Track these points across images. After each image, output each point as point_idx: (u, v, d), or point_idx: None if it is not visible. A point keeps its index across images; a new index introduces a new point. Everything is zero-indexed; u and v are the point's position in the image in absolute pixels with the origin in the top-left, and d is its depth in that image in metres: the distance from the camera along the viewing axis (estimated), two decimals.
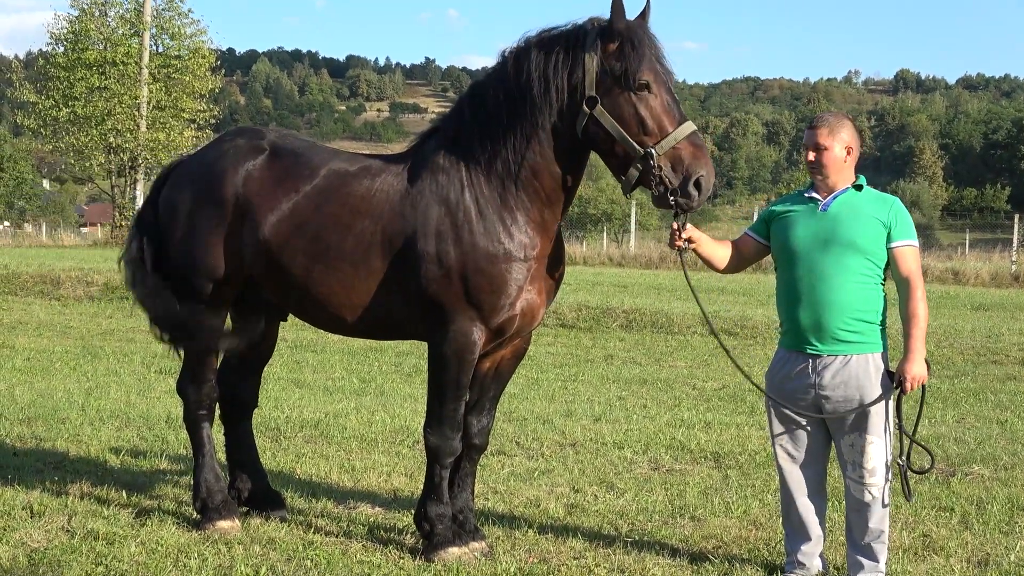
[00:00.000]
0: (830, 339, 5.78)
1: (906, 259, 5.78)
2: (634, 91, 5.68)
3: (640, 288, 24.17)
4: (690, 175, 5.62)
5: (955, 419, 11.21)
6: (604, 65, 5.73)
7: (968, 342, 16.83)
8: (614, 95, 5.72)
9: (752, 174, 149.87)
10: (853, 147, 5.88)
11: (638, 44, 5.68)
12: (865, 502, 5.84)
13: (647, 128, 5.67)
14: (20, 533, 6.43)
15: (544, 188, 6.01)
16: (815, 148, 5.85)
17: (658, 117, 5.68)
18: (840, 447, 5.90)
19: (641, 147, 5.66)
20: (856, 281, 5.76)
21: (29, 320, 18.65)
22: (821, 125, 5.86)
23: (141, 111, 45.40)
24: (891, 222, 5.77)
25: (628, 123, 5.70)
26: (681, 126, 5.67)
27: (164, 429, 9.65)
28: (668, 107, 5.71)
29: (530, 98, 5.86)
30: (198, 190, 6.58)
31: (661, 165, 5.63)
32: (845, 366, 5.77)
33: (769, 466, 8.65)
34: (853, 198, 5.86)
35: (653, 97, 5.69)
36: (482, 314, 5.99)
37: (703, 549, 6.50)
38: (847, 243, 5.75)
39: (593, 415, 10.99)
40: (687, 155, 5.64)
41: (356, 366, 14.36)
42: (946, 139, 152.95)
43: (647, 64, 5.68)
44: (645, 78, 5.67)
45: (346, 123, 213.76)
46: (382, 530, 6.77)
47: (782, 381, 5.96)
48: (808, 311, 5.81)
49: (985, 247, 48.12)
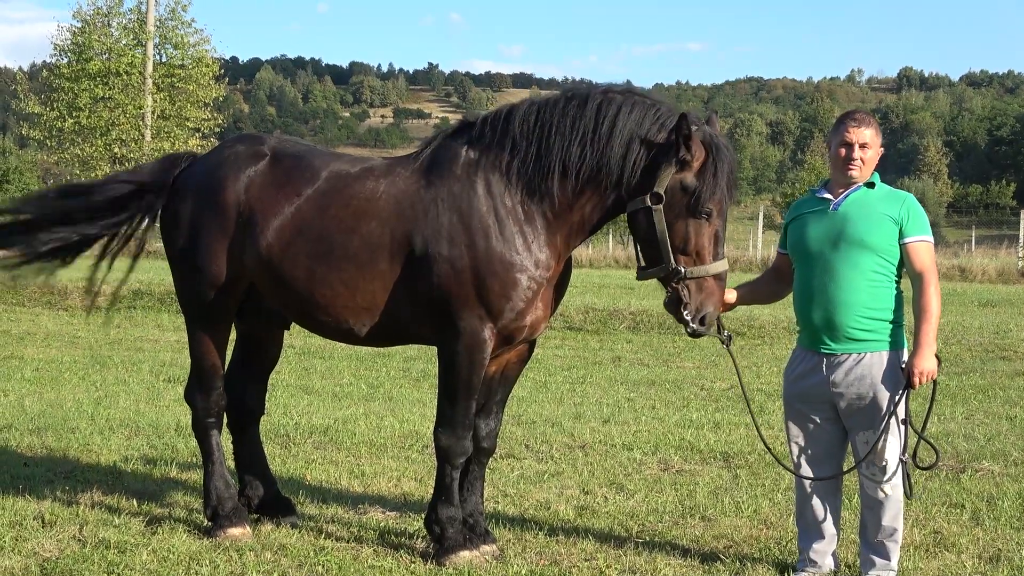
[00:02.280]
0: (843, 338, 5.79)
1: (919, 255, 5.78)
2: (695, 214, 5.79)
3: (647, 290, 24.08)
4: (700, 310, 5.83)
5: (964, 416, 11.20)
6: (681, 175, 5.79)
7: (976, 338, 16.82)
8: (675, 205, 5.82)
9: (757, 174, 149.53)
10: (880, 151, 6.00)
11: (720, 174, 5.78)
12: (879, 499, 5.85)
13: (687, 249, 5.83)
14: (32, 543, 6.44)
15: (572, 221, 6.10)
16: (863, 146, 5.86)
17: (702, 246, 5.83)
18: (855, 444, 5.92)
19: (674, 263, 5.79)
20: (868, 279, 5.76)
21: (37, 331, 18.67)
22: (868, 124, 5.89)
23: (145, 121, 45.43)
24: (903, 218, 5.78)
25: (675, 235, 5.82)
26: (716, 262, 5.84)
27: (174, 437, 9.66)
28: (714, 238, 5.85)
29: (604, 155, 5.92)
30: (200, 197, 6.59)
31: (683, 286, 5.81)
32: (859, 364, 5.78)
33: (778, 465, 8.64)
34: (864, 196, 5.87)
35: (708, 225, 5.82)
36: (491, 314, 6.01)
37: (714, 549, 6.50)
38: (857, 241, 5.76)
39: (602, 417, 10.99)
40: (707, 289, 5.84)
41: (364, 372, 14.37)
42: (950, 136, 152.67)
43: (719, 195, 5.79)
44: (711, 207, 5.79)
45: (350, 130, 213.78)
46: (393, 535, 6.78)
47: (797, 379, 5.99)
48: (820, 310, 5.83)
49: (991, 243, 48.10)
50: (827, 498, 6.04)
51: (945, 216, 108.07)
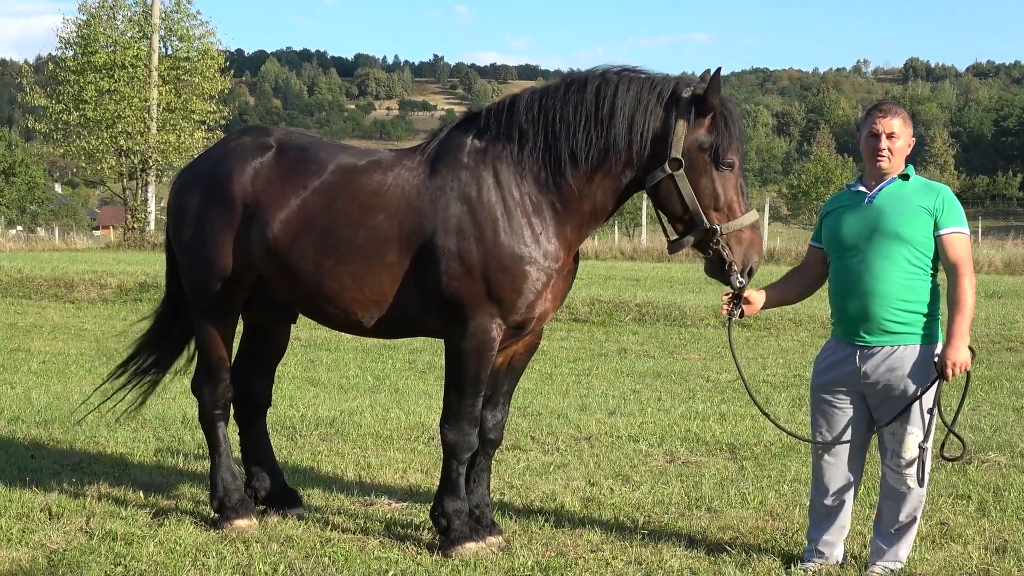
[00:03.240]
0: (878, 330, 5.78)
1: (954, 246, 5.76)
2: (718, 168, 5.80)
3: (652, 281, 24.08)
4: (747, 263, 5.85)
5: (970, 407, 11.17)
6: (694, 134, 5.81)
7: (982, 329, 16.77)
8: (697, 165, 5.83)
9: (763, 165, 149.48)
10: (912, 139, 5.96)
11: (731, 123, 5.82)
12: (902, 492, 5.85)
13: (718, 205, 5.84)
14: (39, 535, 6.45)
15: (583, 211, 6.10)
16: (889, 136, 5.84)
17: (731, 198, 5.85)
18: (882, 435, 5.91)
19: (708, 221, 5.79)
20: (903, 271, 5.75)
21: (44, 323, 18.70)
22: (896, 114, 5.87)
23: (151, 113, 45.53)
24: (938, 210, 5.76)
25: (703, 195, 5.84)
26: (748, 213, 5.87)
27: (180, 429, 9.68)
28: (740, 190, 5.88)
29: (609, 135, 5.93)
30: (206, 190, 6.59)
31: (723, 243, 5.82)
32: (892, 356, 5.77)
33: (785, 456, 8.65)
34: (899, 189, 5.86)
35: (732, 176, 5.85)
36: (502, 311, 6.01)
37: (720, 540, 6.50)
38: (891, 234, 5.75)
39: (607, 408, 10.99)
40: (746, 240, 5.86)
41: (370, 364, 14.37)
42: (957, 127, 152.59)
43: (736, 145, 5.83)
44: (732, 158, 5.82)
45: (356, 122, 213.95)
46: (399, 526, 6.79)
47: (828, 368, 5.98)
48: (855, 302, 5.82)
49: (998, 234, 48.03)
50: (843, 492, 6.03)
51: None
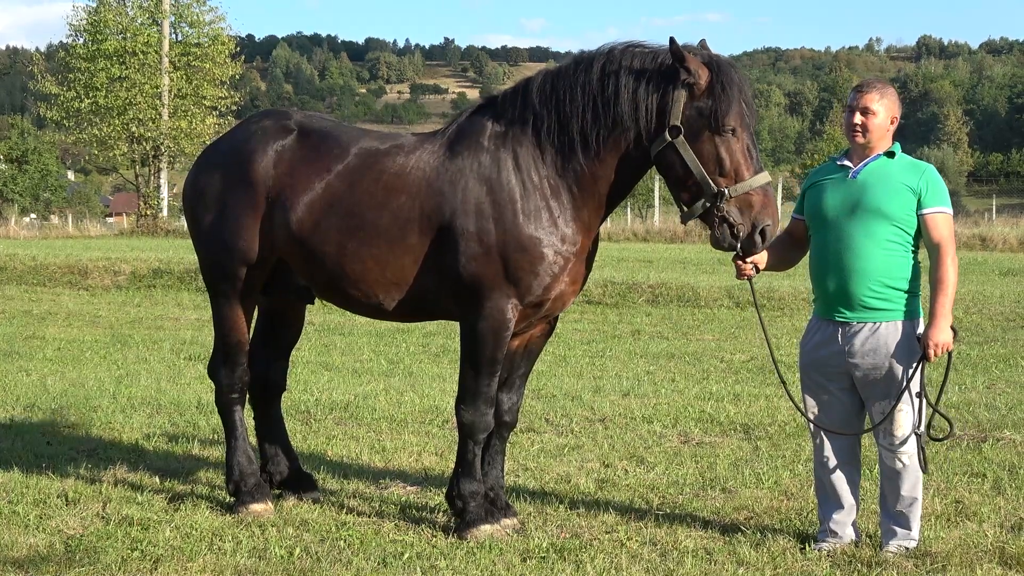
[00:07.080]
0: (858, 306, 5.77)
1: (937, 226, 5.74)
2: (719, 133, 5.75)
3: (665, 263, 24.10)
4: (757, 224, 5.76)
5: (985, 385, 11.16)
6: (692, 100, 5.78)
7: (997, 308, 16.73)
8: (697, 131, 5.79)
9: (776, 145, 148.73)
10: (896, 116, 5.91)
11: (728, 86, 5.75)
12: (897, 469, 5.85)
13: (724, 170, 5.78)
14: (56, 521, 6.49)
15: (599, 193, 6.10)
16: (863, 111, 5.82)
17: (736, 161, 5.78)
18: (871, 414, 5.91)
19: (715, 186, 5.74)
20: (883, 248, 5.74)
21: (58, 310, 18.77)
22: (871, 90, 5.85)
23: (162, 100, 45.48)
24: (922, 189, 5.74)
25: (706, 160, 5.79)
26: (757, 175, 5.78)
27: (195, 415, 9.71)
28: (747, 152, 5.81)
29: (615, 113, 5.92)
30: (227, 172, 6.59)
31: (729, 208, 5.74)
32: (874, 333, 5.77)
33: (799, 436, 8.64)
34: (884, 165, 5.84)
35: (735, 140, 5.79)
36: (519, 292, 6.03)
37: (735, 520, 6.51)
38: (873, 210, 5.74)
39: (621, 390, 11.00)
40: (757, 203, 5.77)
41: (384, 347, 14.40)
42: (970, 104, 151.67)
43: (735, 108, 5.76)
44: (732, 123, 5.75)
45: (367, 106, 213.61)
46: (414, 509, 6.81)
47: (814, 349, 5.98)
48: (835, 278, 5.82)
49: (1012, 212, 47.77)
50: (844, 468, 6.03)
51: (965, 185, 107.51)
